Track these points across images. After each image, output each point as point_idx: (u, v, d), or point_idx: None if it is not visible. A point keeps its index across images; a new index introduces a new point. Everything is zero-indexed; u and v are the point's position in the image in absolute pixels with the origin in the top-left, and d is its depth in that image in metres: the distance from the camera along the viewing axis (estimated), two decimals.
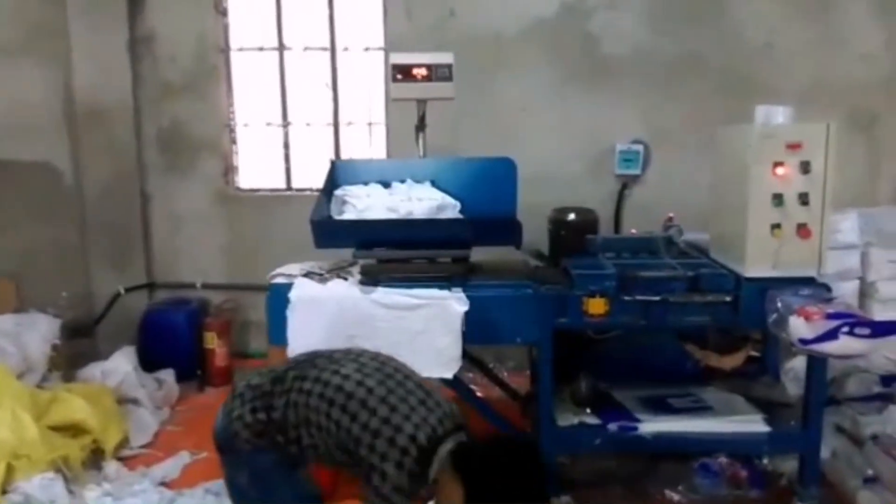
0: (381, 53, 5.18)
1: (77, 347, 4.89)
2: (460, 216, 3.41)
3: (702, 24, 4.94)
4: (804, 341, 2.70)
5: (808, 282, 3.01)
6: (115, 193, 5.28)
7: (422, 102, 3.71)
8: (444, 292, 3.11)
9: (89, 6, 5.07)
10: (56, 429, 3.68)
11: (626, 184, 5.06)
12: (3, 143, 5.04)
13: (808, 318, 2.70)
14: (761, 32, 4.92)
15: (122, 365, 4.47)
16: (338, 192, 3.46)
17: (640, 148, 5.00)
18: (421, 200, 3.38)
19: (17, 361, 4.08)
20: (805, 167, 2.98)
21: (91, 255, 5.30)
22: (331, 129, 5.48)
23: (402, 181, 3.55)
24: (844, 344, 2.66)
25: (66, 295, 5.07)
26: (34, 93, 5.07)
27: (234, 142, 5.58)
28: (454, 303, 3.09)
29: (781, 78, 4.82)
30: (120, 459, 3.86)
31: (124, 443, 3.98)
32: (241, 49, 5.46)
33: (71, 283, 5.18)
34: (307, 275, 3.29)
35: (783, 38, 4.91)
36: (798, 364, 3.79)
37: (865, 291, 4.27)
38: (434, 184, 3.51)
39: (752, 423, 3.22)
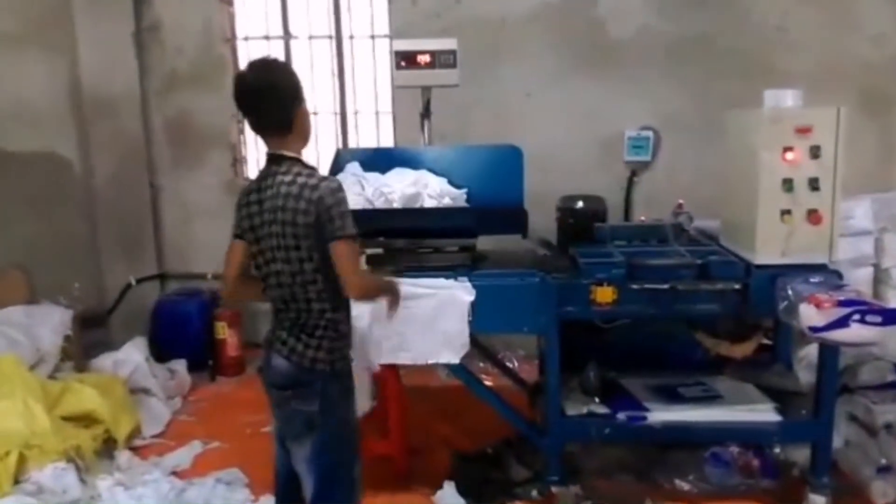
0: (388, 41, 5.15)
1: (90, 338, 4.94)
2: (466, 205, 3.38)
3: (710, 7, 4.86)
4: (815, 329, 2.66)
5: (819, 269, 2.96)
6: (125, 184, 5.30)
7: (426, 90, 3.68)
8: (451, 281, 3.09)
9: None
10: (68, 419, 3.73)
11: (635, 171, 5.01)
12: (11, 133, 5.05)
13: (818, 305, 2.65)
14: (771, 14, 4.84)
15: (133, 355, 4.51)
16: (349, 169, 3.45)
17: (649, 134, 4.94)
18: (427, 187, 3.36)
19: (29, 352, 4.12)
20: (815, 152, 2.92)
21: (102, 245, 5.33)
22: (338, 118, 5.46)
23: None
24: (855, 332, 2.62)
25: (78, 286, 5.11)
26: (41, 83, 5.07)
27: (241, 132, 5.58)
28: (461, 292, 3.07)
29: (792, 61, 4.74)
30: (132, 449, 3.91)
31: (136, 432, 4.02)
32: (246, 38, 5.44)
33: (82, 273, 5.21)
34: None
35: (793, 20, 4.82)
36: (811, 352, 3.74)
37: (880, 278, 4.21)
38: (436, 171, 3.48)
39: (763, 413, 3.19)
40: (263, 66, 2.36)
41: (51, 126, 5.15)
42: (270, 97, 2.29)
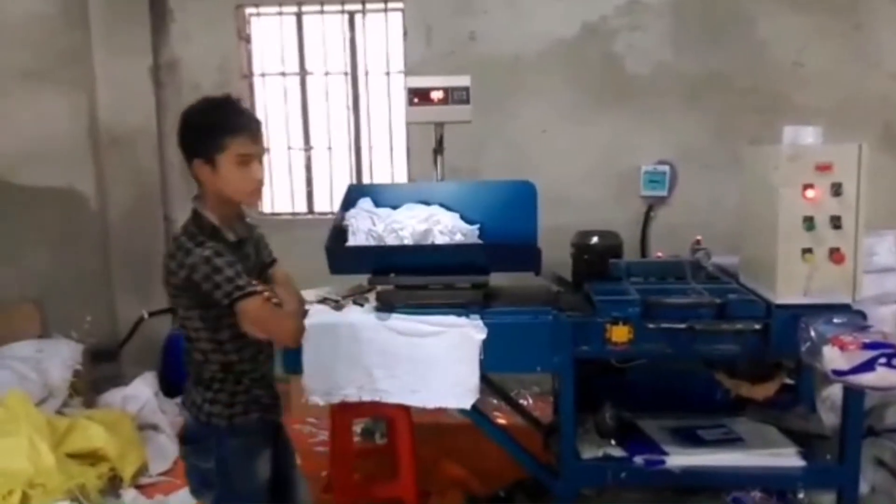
0: (402, 77, 5.17)
1: (100, 372, 4.94)
2: (478, 241, 3.33)
3: (727, 43, 4.85)
4: (839, 372, 2.56)
5: (843, 309, 2.87)
6: (139, 218, 5.32)
7: (439, 126, 3.66)
8: (462, 319, 3.02)
9: (113, 33, 5.15)
10: (74, 456, 3.68)
11: (651, 206, 4.95)
12: (29, 168, 5.12)
13: (842, 347, 2.56)
14: (789, 50, 4.82)
15: (143, 391, 4.48)
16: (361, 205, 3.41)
17: (666, 169, 4.90)
18: (439, 223, 3.31)
19: (38, 387, 4.11)
20: (836, 189, 2.84)
21: (115, 279, 5.34)
22: (352, 153, 5.48)
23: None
24: (881, 375, 2.51)
25: (89, 319, 5.11)
26: (59, 118, 5.15)
27: None
28: (472, 330, 2.99)
29: (810, 96, 4.71)
30: (138, 487, 3.85)
31: (143, 470, 3.96)
32: (263, 75, 5.49)
33: (95, 307, 5.22)
34: (322, 301, 3.23)
35: (811, 55, 4.80)
36: (834, 392, 3.62)
37: None
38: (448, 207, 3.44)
39: (786, 457, 3.06)
40: (198, 103, 2.26)
41: (68, 162, 5.22)
42: (178, 134, 2.22)
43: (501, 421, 4.34)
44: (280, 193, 5.62)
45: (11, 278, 5.18)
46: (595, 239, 3.60)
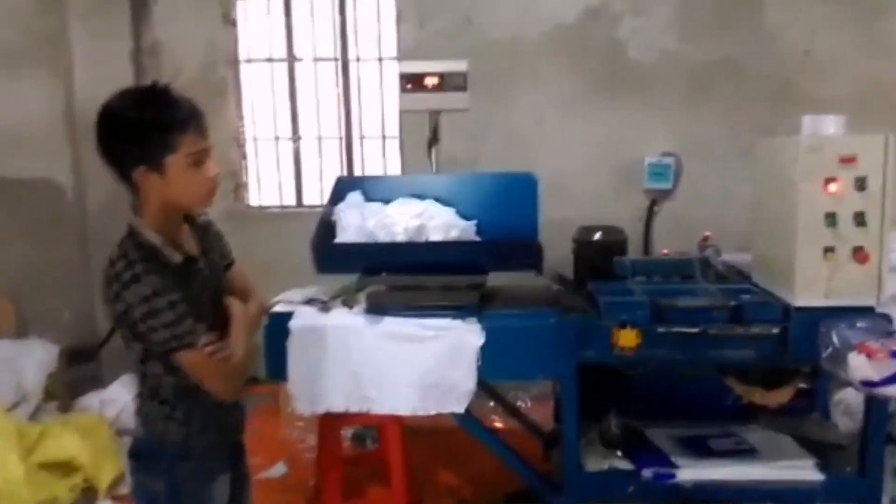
0: (395, 64, 4.96)
1: (78, 372, 4.72)
2: (476, 238, 3.13)
3: (736, 29, 4.66)
4: (869, 383, 2.37)
5: (866, 311, 2.68)
6: (119, 210, 5.00)
7: (434, 114, 3.45)
8: (458, 322, 2.82)
9: (92, 15, 4.94)
10: (46, 466, 3.46)
11: (655, 199, 4.75)
12: (2, 156, 4.88)
13: (870, 355, 2.37)
14: (800, 37, 4.62)
15: (121, 394, 4.25)
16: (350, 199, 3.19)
17: (670, 161, 4.69)
18: (433, 218, 3.10)
19: (10, 390, 3.90)
20: (861, 183, 2.64)
21: (94, 273, 5.09)
22: (342, 144, 5.27)
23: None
24: None
25: (68, 315, 4.90)
26: (35, 105, 4.92)
27: (243, 157, 5.38)
28: (469, 334, 2.80)
29: (824, 85, 4.52)
30: (114, 498, 3.64)
31: (120, 480, 3.73)
32: (249, 60, 5.26)
33: (73, 303, 5.01)
34: (309, 302, 3.03)
35: (824, 42, 4.61)
36: (849, 396, 3.47)
37: None
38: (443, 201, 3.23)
39: (804, 470, 2.88)
40: (121, 96, 1.84)
41: (44, 150, 4.98)
42: (102, 137, 1.84)
43: (498, 425, 4.16)
44: (267, 186, 5.41)
45: None
46: (598, 235, 3.41)
